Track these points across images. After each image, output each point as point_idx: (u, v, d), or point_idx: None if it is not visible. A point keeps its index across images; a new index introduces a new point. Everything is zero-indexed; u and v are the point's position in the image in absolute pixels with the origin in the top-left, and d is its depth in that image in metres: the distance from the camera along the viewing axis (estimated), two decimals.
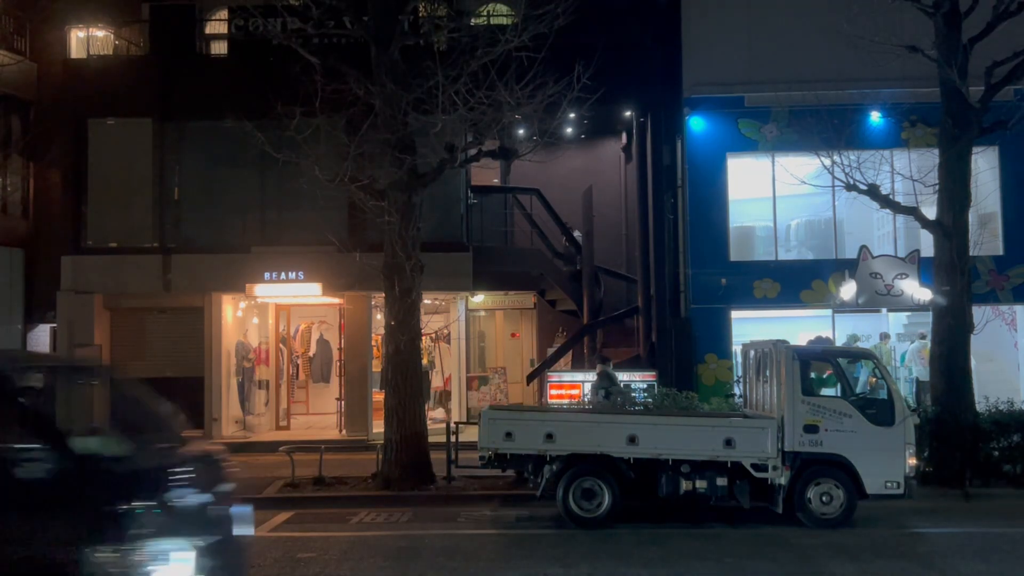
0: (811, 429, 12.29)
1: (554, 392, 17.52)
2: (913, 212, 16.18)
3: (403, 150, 14.81)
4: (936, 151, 16.21)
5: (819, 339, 13.99)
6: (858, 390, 14.43)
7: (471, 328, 23.50)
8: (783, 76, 18.79)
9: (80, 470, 6.25)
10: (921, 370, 18.58)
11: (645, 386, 17.06)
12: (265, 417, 22.01)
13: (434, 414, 21.55)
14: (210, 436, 19.84)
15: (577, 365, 20.62)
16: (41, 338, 22.69)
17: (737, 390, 16.61)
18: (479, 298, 23.39)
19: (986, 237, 18.96)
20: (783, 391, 12.41)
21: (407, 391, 14.94)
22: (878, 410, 12.45)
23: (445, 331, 23.02)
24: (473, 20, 17.66)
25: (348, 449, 18.37)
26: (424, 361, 18.44)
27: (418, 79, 14.70)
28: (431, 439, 15.33)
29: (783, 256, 20.30)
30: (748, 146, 19.87)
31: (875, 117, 19.47)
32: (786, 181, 18.52)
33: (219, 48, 21.95)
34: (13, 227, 22.32)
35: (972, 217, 16.24)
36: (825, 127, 16.38)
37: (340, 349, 21.57)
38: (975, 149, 16.30)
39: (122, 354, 20.83)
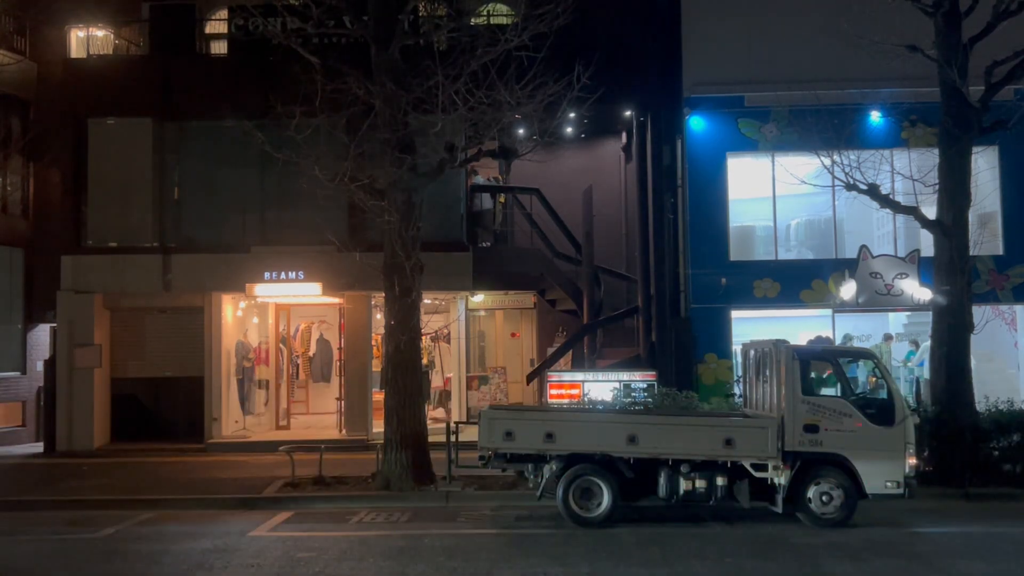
0: (811, 429, 12.30)
1: (554, 392, 17.51)
2: (913, 212, 16.18)
3: (403, 150, 14.81)
4: (936, 151, 16.20)
5: (819, 339, 13.99)
6: (858, 390, 14.43)
7: (471, 328, 23.49)
8: (783, 76, 18.78)
9: None
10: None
11: (645, 386, 17.05)
12: (265, 417, 22.01)
13: (434, 414, 21.55)
14: (210, 436, 19.88)
15: (577, 365, 20.62)
16: (41, 338, 22.70)
17: (737, 390, 16.60)
18: (479, 298, 23.38)
19: (986, 237, 18.94)
20: (783, 391, 12.42)
21: (407, 391, 14.94)
22: (878, 410, 12.46)
23: (445, 331, 23.02)
24: (473, 20, 17.62)
25: (348, 449, 18.37)
26: (424, 361, 18.43)
27: (418, 79, 14.71)
28: (431, 439, 15.32)
29: (783, 256, 20.29)
30: (748, 146, 19.87)
31: (875, 117, 19.47)
32: (786, 181, 18.51)
33: (219, 48, 21.94)
34: (13, 227, 22.31)
35: (972, 217, 16.23)
36: (825, 127, 16.37)
37: (340, 349, 21.57)
38: (975, 149, 16.29)
39: (122, 354, 20.85)
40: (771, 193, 19.90)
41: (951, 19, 15.44)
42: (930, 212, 15.96)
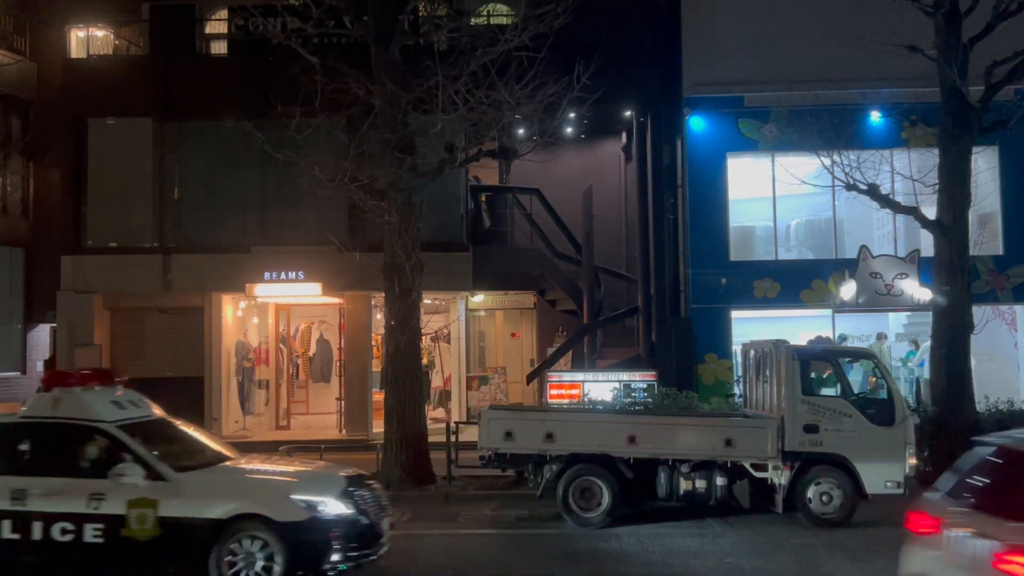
0: (811, 429, 12.29)
1: (554, 392, 17.50)
2: (913, 212, 16.17)
3: (403, 150, 14.81)
4: (936, 151, 16.20)
5: (819, 339, 13.98)
6: (858, 390, 14.44)
7: (471, 328, 23.50)
8: (783, 76, 18.77)
9: None
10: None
11: (645, 386, 17.05)
12: (265, 417, 22.01)
13: (434, 414, 21.55)
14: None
15: (577, 365, 20.61)
16: (41, 338, 22.69)
17: (737, 390, 16.60)
18: (479, 298, 23.39)
19: (986, 237, 18.93)
20: (783, 391, 12.41)
21: (407, 391, 14.94)
22: (878, 410, 12.46)
23: (445, 331, 23.02)
24: (473, 20, 17.63)
25: (348, 449, 18.35)
26: (424, 361, 18.44)
27: (418, 79, 14.71)
28: (431, 439, 15.32)
29: (783, 256, 20.28)
30: (748, 146, 19.85)
31: (875, 117, 19.45)
32: (786, 181, 18.50)
33: (219, 48, 21.95)
34: (13, 227, 22.32)
35: (972, 217, 16.22)
36: (825, 127, 16.37)
37: (340, 349, 21.57)
38: (975, 149, 16.28)
39: (122, 354, 20.83)
40: (771, 193, 19.88)
41: (951, 19, 15.44)
42: (930, 212, 15.96)
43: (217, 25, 21.95)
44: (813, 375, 12.86)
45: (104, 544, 8.55)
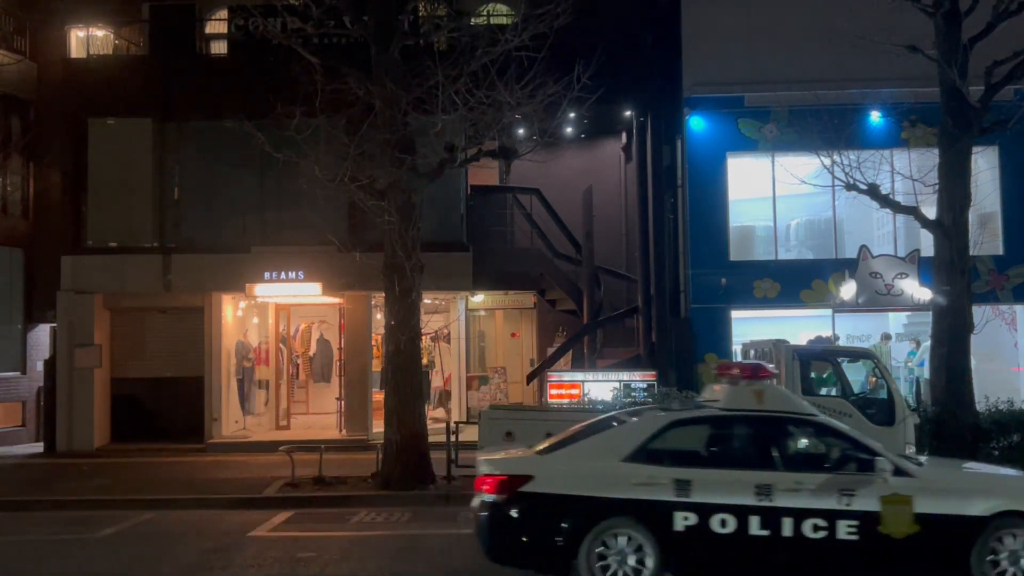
0: None
1: (554, 392, 17.51)
2: (913, 212, 16.17)
3: (403, 150, 14.80)
4: (936, 151, 16.19)
5: (819, 339, 13.99)
6: (858, 390, 14.44)
7: (471, 328, 23.51)
8: (783, 76, 18.80)
9: None
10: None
11: (645, 386, 17.06)
12: (265, 417, 22.01)
13: (434, 414, 21.55)
14: (210, 436, 19.87)
15: (577, 365, 20.62)
16: (41, 338, 22.69)
17: None
18: (479, 298, 23.39)
19: (986, 237, 18.96)
20: None
21: (407, 391, 14.93)
22: (878, 410, 12.49)
23: (445, 331, 23.03)
24: (473, 20, 17.64)
25: (348, 449, 18.37)
26: (424, 361, 18.44)
27: (418, 79, 14.70)
28: (431, 439, 15.31)
29: (783, 256, 20.30)
30: (748, 146, 19.87)
31: (875, 117, 19.47)
32: (786, 181, 18.52)
33: (219, 48, 21.95)
34: (13, 227, 22.32)
35: (972, 217, 16.21)
36: (825, 127, 16.37)
37: (340, 349, 21.57)
38: (975, 149, 16.28)
39: (122, 354, 20.85)
40: (771, 193, 19.91)
41: (951, 19, 15.43)
42: (930, 212, 15.96)
43: (217, 25, 21.95)
44: (813, 375, 12.89)
45: (858, 542, 8.39)
